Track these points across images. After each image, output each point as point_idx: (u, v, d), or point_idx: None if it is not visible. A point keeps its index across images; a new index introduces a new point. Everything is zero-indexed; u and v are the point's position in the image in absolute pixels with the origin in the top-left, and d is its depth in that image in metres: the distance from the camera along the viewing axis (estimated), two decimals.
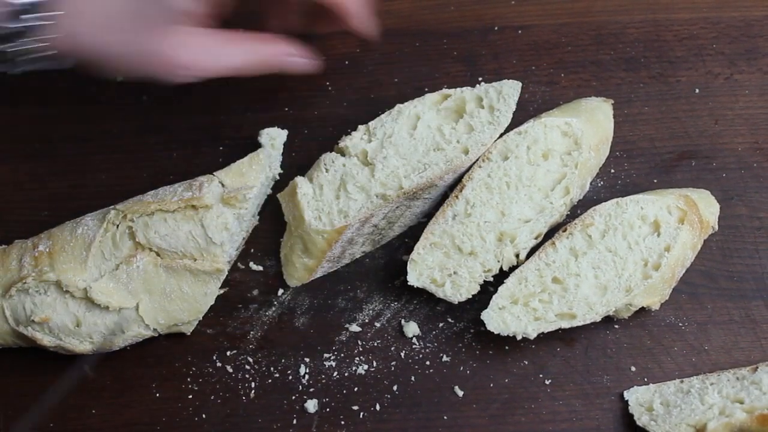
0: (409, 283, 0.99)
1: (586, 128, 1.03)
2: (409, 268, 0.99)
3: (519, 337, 0.95)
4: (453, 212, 1.00)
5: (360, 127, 1.05)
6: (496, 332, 0.95)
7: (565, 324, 0.95)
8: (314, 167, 1.04)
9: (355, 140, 1.04)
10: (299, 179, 1.02)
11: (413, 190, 1.00)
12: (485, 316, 0.96)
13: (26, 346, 0.99)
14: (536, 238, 1.00)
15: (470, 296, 0.98)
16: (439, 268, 0.99)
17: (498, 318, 0.95)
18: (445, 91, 1.06)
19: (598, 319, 0.96)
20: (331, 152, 1.04)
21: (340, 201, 1.01)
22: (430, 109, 1.05)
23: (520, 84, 1.05)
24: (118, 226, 0.98)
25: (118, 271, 0.96)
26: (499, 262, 0.99)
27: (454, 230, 0.99)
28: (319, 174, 1.03)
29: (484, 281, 0.99)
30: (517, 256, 0.99)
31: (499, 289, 0.97)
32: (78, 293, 0.95)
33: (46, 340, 0.96)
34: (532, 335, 0.95)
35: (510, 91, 1.05)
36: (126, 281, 0.96)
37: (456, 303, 0.99)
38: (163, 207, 0.97)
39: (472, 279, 0.99)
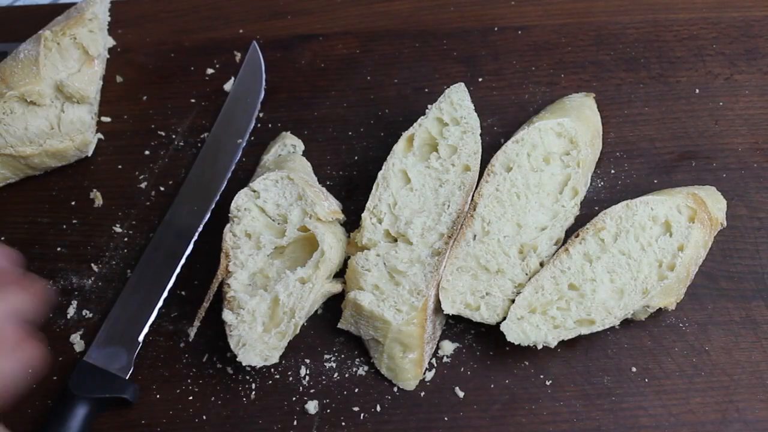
0: (444, 313, 0.98)
1: (578, 126, 1.03)
2: (442, 297, 0.97)
3: (540, 347, 0.95)
4: (472, 232, 1.00)
5: (363, 216, 1.01)
6: (516, 343, 0.94)
7: (585, 330, 0.94)
8: (352, 278, 0.99)
9: (369, 230, 1.01)
10: (354, 293, 0.98)
11: (451, 230, 0.99)
12: (504, 327, 0.95)
13: (15, 178, 1.11)
14: (556, 244, 1.00)
15: (506, 315, 0.96)
16: (470, 291, 0.98)
17: (517, 328, 0.95)
18: (404, 134, 1.03)
19: (617, 323, 0.96)
20: (358, 253, 1.00)
21: (403, 283, 0.98)
22: (407, 158, 1.03)
23: (463, 84, 1.05)
24: (59, 43, 1.08)
25: (80, 74, 1.09)
26: (527, 275, 0.98)
27: (477, 251, 0.99)
28: (366, 278, 0.98)
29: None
30: (542, 264, 0.99)
31: (517, 298, 0.96)
32: (43, 100, 1.06)
33: (29, 150, 1.06)
34: (553, 344, 0.94)
35: (458, 95, 1.04)
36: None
37: (494, 324, 0.97)
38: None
39: (506, 297, 0.98)
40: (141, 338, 1.00)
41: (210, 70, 1.19)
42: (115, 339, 1.00)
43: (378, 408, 0.98)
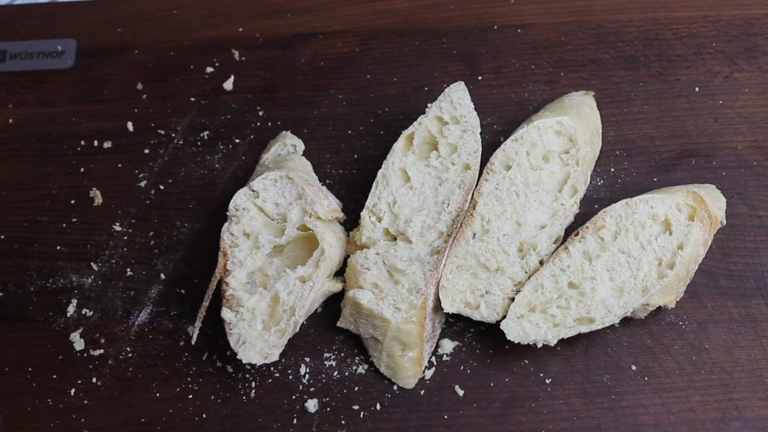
0: (444, 311, 0.98)
1: (577, 124, 1.03)
2: (441, 295, 0.97)
3: (539, 345, 0.95)
4: (471, 231, 1.00)
5: (362, 214, 1.01)
6: (516, 341, 0.94)
7: (584, 328, 0.94)
8: (352, 276, 0.99)
9: (369, 229, 1.01)
10: (353, 292, 0.98)
11: (451, 229, 0.99)
12: (504, 326, 0.95)
13: None
14: (555, 242, 1.00)
15: (506, 314, 0.97)
16: (470, 290, 0.98)
17: (517, 327, 0.95)
18: (404, 132, 1.03)
19: (617, 321, 0.96)
20: (357, 252, 1.00)
21: (402, 282, 0.98)
22: (406, 156, 1.03)
23: (462, 82, 1.05)
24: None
25: None
26: (526, 273, 0.98)
27: (476, 249, 0.99)
28: (365, 276, 0.99)
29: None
30: (542, 263, 0.99)
31: (516, 297, 0.96)
32: None
33: None
34: (553, 342, 0.94)
35: (458, 94, 1.04)
36: None
37: (494, 323, 0.97)
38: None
39: (505, 295, 0.98)
40: None
41: (209, 69, 1.19)
42: None
43: (378, 406, 0.98)
